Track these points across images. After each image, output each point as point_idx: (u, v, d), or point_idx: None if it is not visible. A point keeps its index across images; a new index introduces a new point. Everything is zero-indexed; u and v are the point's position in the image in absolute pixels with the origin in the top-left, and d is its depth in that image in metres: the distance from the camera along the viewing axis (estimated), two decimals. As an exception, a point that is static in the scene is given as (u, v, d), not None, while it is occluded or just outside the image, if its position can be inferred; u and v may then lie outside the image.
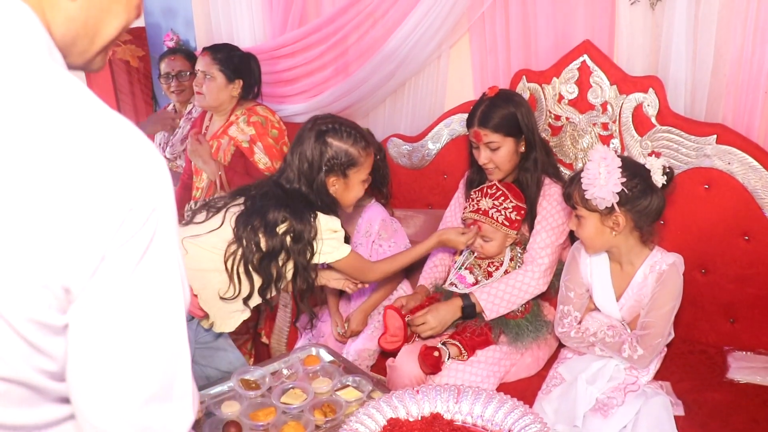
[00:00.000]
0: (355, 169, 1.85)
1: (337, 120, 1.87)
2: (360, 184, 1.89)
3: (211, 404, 1.72)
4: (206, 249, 1.75)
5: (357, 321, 2.26)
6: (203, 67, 2.54)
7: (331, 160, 1.81)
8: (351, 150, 1.83)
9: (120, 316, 0.67)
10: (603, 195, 1.70)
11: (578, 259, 1.92)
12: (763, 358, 1.93)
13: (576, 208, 1.80)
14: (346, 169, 1.83)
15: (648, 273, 1.82)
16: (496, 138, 2.01)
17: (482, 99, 2.09)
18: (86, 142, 0.64)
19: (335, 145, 1.81)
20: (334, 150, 1.81)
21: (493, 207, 2.00)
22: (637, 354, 1.75)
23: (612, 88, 2.13)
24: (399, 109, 2.78)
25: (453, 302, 1.98)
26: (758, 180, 1.92)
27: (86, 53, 0.78)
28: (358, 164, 1.85)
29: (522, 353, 1.99)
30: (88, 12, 0.74)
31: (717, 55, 2.03)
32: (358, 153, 1.84)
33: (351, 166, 1.84)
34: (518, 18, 2.37)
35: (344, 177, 1.85)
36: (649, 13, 2.11)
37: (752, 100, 2.01)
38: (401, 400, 1.46)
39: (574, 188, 1.79)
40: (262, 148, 2.51)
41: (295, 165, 1.82)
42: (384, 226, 2.32)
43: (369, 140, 1.90)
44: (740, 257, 1.99)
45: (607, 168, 1.69)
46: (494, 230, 2.00)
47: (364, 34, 2.68)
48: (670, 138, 2.04)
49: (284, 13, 2.88)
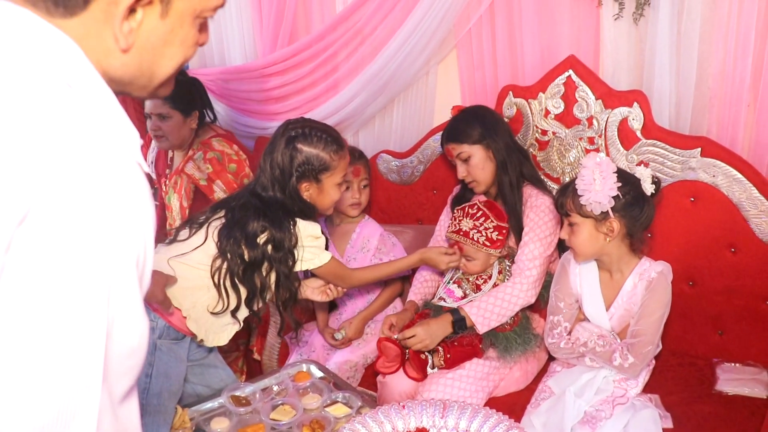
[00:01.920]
0: (328, 174, 1.81)
1: (309, 124, 1.83)
2: (335, 187, 1.85)
3: (200, 421, 1.72)
4: (193, 266, 1.75)
5: (355, 329, 2.26)
6: (154, 110, 2.43)
7: (301, 165, 1.77)
8: (322, 155, 1.78)
9: (9, 330, 0.60)
10: (599, 199, 1.72)
11: (568, 269, 1.93)
12: (751, 370, 1.93)
13: (569, 215, 1.80)
14: (318, 174, 1.80)
15: (637, 281, 1.83)
16: (464, 148, 2.07)
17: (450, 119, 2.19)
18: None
19: (305, 151, 1.77)
20: (304, 156, 1.77)
21: (473, 228, 2.01)
22: (627, 362, 1.75)
23: (597, 102, 2.15)
24: (388, 126, 2.80)
25: (443, 318, 1.98)
26: (743, 192, 1.94)
27: (147, 88, 0.80)
28: (330, 169, 1.80)
29: (511, 367, 1.99)
30: (141, 58, 0.76)
31: (700, 69, 2.06)
32: (330, 157, 1.79)
33: (323, 170, 1.80)
34: (504, 34, 2.39)
35: (317, 182, 1.81)
36: (633, 28, 2.14)
37: (735, 113, 2.03)
38: (387, 415, 1.46)
39: (567, 195, 1.80)
40: (221, 186, 2.45)
41: (268, 172, 1.80)
42: (383, 241, 2.35)
43: (342, 143, 1.84)
44: (727, 269, 2.00)
45: (602, 173, 1.72)
46: (476, 251, 2.01)
47: (353, 52, 2.70)
48: (655, 151, 2.06)
49: (274, 31, 2.91)
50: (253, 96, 2.96)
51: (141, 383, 1.69)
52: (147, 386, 1.70)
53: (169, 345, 1.76)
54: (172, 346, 1.77)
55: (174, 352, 1.78)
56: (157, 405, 1.71)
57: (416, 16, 2.43)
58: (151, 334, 1.67)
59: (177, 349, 1.79)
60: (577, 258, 1.88)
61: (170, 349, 1.76)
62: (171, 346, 1.77)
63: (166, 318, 1.74)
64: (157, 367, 1.72)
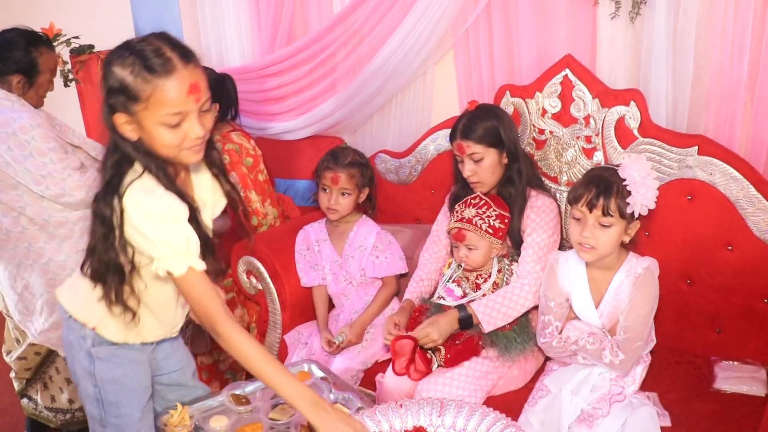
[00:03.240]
0: (141, 106, 1.32)
1: (141, 41, 1.35)
2: (158, 127, 1.34)
3: (200, 418, 1.73)
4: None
5: (356, 332, 2.25)
6: None
7: (109, 93, 1.35)
8: (127, 79, 1.31)
9: None
10: (644, 201, 1.75)
11: (556, 268, 1.93)
12: (749, 368, 1.94)
13: (610, 215, 1.76)
14: (128, 105, 1.33)
15: (624, 278, 1.84)
16: (478, 149, 2.04)
17: (464, 113, 2.12)
18: None
19: (112, 73, 1.33)
20: (110, 79, 1.34)
21: (476, 215, 2.02)
22: (618, 359, 1.76)
23: (594, 101, 2.15)
24: (386, 125, 2.81)
25: (450, 314, 1.97)
26: (740, 190, 1.94)
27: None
28: (140, 99, 1.32)
29: (509, 366, 1.99)
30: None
31: (697, 68, 2.06)
32: (135, 83, 1.31)
33: (131, 100, 1.32)
34: (501, 34, 2.40)
35: (130, 114, 1.34)
36: (630, 27, 2.14)
37: (732, 112, 2.04)
38: (384, 414, 1.46)
39: (609, 196, 1.76)
40: (236, 177, 2.47)
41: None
42: (380, 239, 2.36)
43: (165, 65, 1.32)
44: (724, 267, 2.00)
45: (643, 175, 1.75)
46: (479, 238, 2.01)
47: (350, 52, 2.71)
48: (652, 150, 2.06)
49: (272, 32, 2.92)
50: (251, 96, 2.97)
51: (91, 394, 1.61)
52: (98, 396, 1.60)
53: (108, 351, 1.59)
54: (115, 351, 1.60)
55: (117, 356, 1.60)
56: (117, 414, 1.61)
57: (413, 16, 2.44)
58: (83, 344, 1.58)
59: (120, 353, 1.61)
60: (592, 257, 1.82)
61: (112, 354, 1.59)
62: (112, 351, 1.59)
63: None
64: (100, 376, 1.59)
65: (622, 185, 1.77)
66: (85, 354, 1.59)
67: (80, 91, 3.81)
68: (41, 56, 2.24)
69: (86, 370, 1.60)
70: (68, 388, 2.50)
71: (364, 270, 2.35)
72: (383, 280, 2.37)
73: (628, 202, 1.75)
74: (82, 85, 3.69)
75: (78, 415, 2.53)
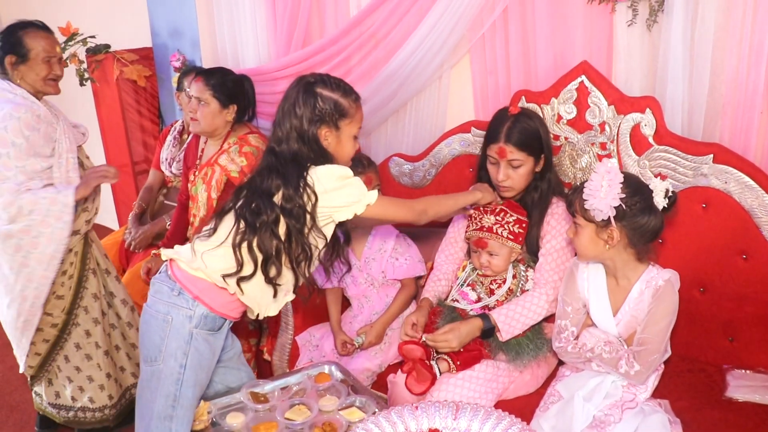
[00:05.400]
0: (347, 121, 1.78)
1: (324, 74, 1.82)
2: (351, 140, 1.82)
3: (217, 414, 1.75)
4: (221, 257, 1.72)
5: (376, 333, 2.27)
6: (197, 93, 2.54)
7: (321, 110, 1.73)
8: (341, 100, 1.77)
9: None
10: (600, 207, 1.72)
11: (576, 274, 1.93)
12: (762, 377, 1.93)
13: (575, 216, 1.82)
14: (337, 120, 1.76)
15: (644, 288, 1.83)
16: (520, 156, 2.02)
17: (505, 116, 2.07)
18: None
19: (325, 95, 1.75)
20: (323, 100, 1.74)
21: (496, 223, 2.03)
22: (634, 370, 1.76)
23: (610, 108, 2.16)
24: (401, 129, 2.82)
25: (472, 323, 1.97)
26: (755, 199, 1.94)
27: None
28: (348, 116, 1.78)
29: (521, 371, 2.00)
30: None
31: (713, 76, 2.06)
32: (349, 104, 1.78)
33: (342, 116, 1.77)
34: (518, 39, 2.41)
35: (336, 129, 1.77)
36: (646, 34, 2.15)
37: (748, 120, 2.04)
38: (400, 415, 1.47)
39: (576, 196, 1.81)
40: None
41: (285, 125, 1.74)
42: (399, 242, 2.38)
43: (358, 95, 1.85)
44: (738, 276, 2.00)
45: (609, 182, 1.71)
46: (500, 245, 2.03)
47: (366, 55, 2.72)
48: (667, 157, 2.07)
49: (288, 34, 2.93)
50: (266, 98, 2.98)
51: (174, 373, 1.69)
52: (181, 377, 1.70)
53: (205, 335, 1.73)
54: (208, 336, 1.74)
55: (209, 343, 1.75)
56: (191, 398, 1.72)
57: (430, 20, 2.45)
58: (188, 323, 1.69)
59: (213, 341, 1.76)
60: (580, 258, 1.90)
61: (206, 339, 1.74)
62: (207, 336, 1.74)
63: (208, 305, 1.71)
64: (192, 357, 1.70)
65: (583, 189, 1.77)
66: (187, 332, 1.70)
67: (95, 91, 3.86)
68: (27, 35, 2.31)
69: (181, 349, 1.70)
70: (71, 386, 2.51)
71: (385, 272, 2.37)
72: (402, 282, 2.38)
73: (585, 207, 1.75)
74: (97, 85, 3.73)
75: (80, 416, 2.54)
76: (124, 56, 3.69)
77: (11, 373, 3.15)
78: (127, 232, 3.12)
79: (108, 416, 2.57)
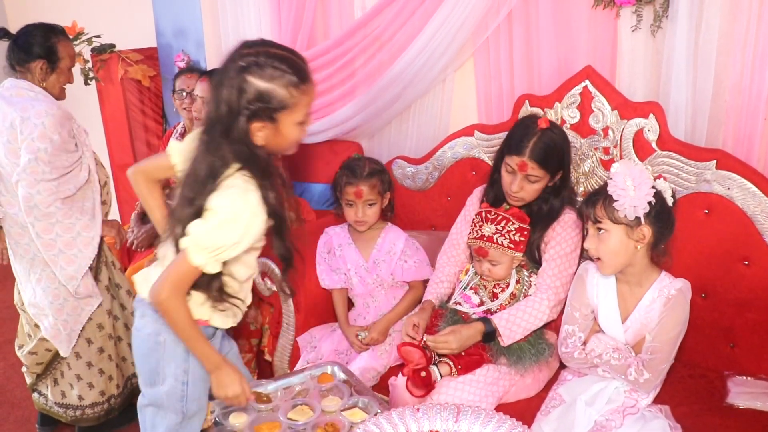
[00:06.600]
0: (287, 112, 1.46)
1: (266, 49, 1.46)
2: (294, 126, 1.49)
3: (220, 414, 1.75)
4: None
5: (380, 330, 2.28)
6: (202, 93, 2.57)
7: (252, 103, 1.43)
8: (279, 91, 1.43)
9: None
10: (635, 203, 1.69)
11: (585, 279, 1.91)
12: (763, 384, 1.93)
13: (599, 221, 1.75)
14: (273, 113, 1.45)
15: (656, 297, 1.80)
16: (540, 173, 1.98)
17: (533, 128, 1.98)
18: None
19: (256, 85, 1.43)
20: (254, 91, 1.43)
21: (496, 232, 2.02)
22: (643, 378, 1.74)
23: (613, 113, 2.16)
24: (404, 132, 2.82)
25: (473, 326, 1.96)
26: (757, 205, 1.94)
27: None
28: (288, 107, 1.45)
29: (522, 375, 2.00)
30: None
31: (717, 82, 2.07)
32: (289, 94, 1.44)
33: (280, 109, 1.45)
34: (521, 43, 2.42)
35: (272, 122, 1.46)
36: (650, 39, 2.15)
37: (752, 126, 2.04)
38: (402, 417, 1.47)
39: (597, 202, 1.76)
40: None
41: (213, 107, 1.47)
42: (408, 245, 2.39)
43: (304, 74, 1.47)
44: (740, 282, 2.00)
45: (635, 179, 1.69)
46: (501, 254, 2.02)
47: (370, 58, 2.73)
48: (670, 163, 2.07)
49: (293, 36, 2.94)
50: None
51: (177, 392, 1.64)
52: (185, 393, 1.64)
53: None
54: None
55: None
56: (197, 409, 1.69)
57: (434, 23, 2.45)
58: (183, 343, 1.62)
59: None
60: (604, 269, 1.81)
61: None
62: None
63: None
64: (192, 372, 1.64)
65: (607, 192, 1.73)
66: (182, 350, 1.61)
67: (100, 90, 3.86)
68: (60, 42, 2.35)
69: (180, 368, 1.64)
70: (78, 384, 2.52)
71: (394, 274, 2.38)
72: (410, 284, 2.40)
73: (616, 207, 1.72)
74: (102, 84, 3.74)
75: (88, 413, 2.55)
76: (129, 56, 3.70)
77: (12, 371, 3.16)
78: (129, 231, 3.14)
79: (114, 405, 2.59)
